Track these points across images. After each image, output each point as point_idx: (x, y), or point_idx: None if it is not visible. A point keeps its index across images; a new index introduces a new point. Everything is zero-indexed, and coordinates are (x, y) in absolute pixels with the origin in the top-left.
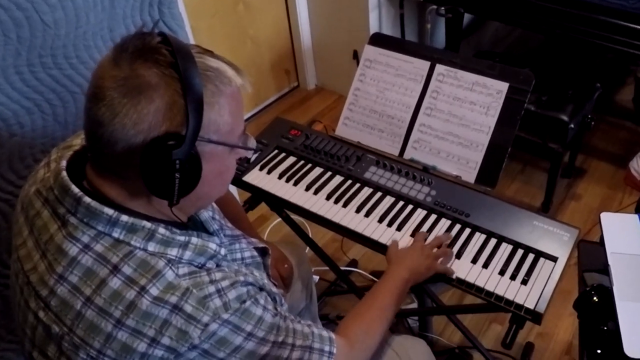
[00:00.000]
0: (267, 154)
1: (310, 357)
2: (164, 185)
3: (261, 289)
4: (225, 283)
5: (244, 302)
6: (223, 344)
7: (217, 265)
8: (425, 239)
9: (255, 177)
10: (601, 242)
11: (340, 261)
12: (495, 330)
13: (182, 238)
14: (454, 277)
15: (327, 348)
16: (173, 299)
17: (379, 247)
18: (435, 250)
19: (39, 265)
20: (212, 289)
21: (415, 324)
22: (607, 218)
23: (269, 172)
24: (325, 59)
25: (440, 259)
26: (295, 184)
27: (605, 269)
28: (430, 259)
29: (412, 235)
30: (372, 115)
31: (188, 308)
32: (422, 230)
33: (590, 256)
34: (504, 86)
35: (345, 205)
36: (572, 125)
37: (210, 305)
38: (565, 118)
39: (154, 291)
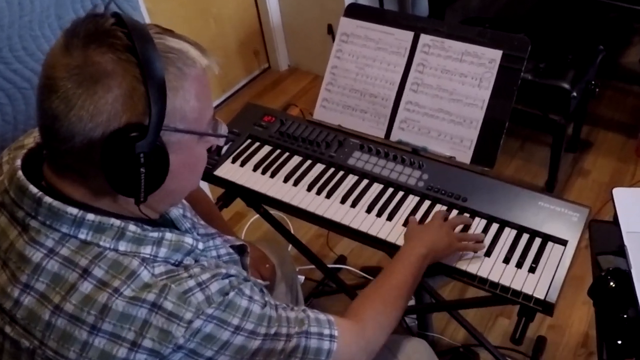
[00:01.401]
0: (239, 144)
1: (308, 343)
2: (129, 182)
3: (245, 279)
4: (205, 276)
5: (227, 294)
6: (210, 341)
7: (196, 261)
8: (446, 218)
9: (227, 170)
10: (615, 221)
11: (326, 258)
12: (502, 325)
13: (155, 234)
14: (454, 265)
15: (326, 331)
16: (151, 297)
17: (368, 240)
18: (457, 230)
19: (1, 276)
20: (192, 282)
21: (414, 323)
22: (620, 194)
23: (242, 164)
24: (297, 36)
25: (464, 243)
26: (272, 175)
27: (621, 251)
28: (450, 237)
29: (405, 225)
30: (352, 95)
31: (168, 305)
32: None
33: (604, 237)
34: (496, 54)
35: (328, 195)
36: (574, 94)
37: (192, 300)
38: (566, 86)
39: (129, 292)
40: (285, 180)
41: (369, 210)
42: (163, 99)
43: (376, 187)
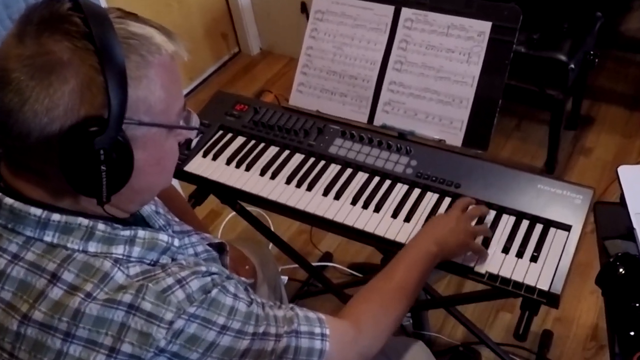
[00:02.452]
0: (210, 136)
1: (299, 343)
2: (89, 181)
3: (229, 277)
4: (184, 273)
5: (209, 291)
6: (194, 343)
7: (173, 260)
8: (467, 208)
9: (198, 165)
10: (622, 202)
11: (311, 256)
12: (504, 320)
13: (126, 233)
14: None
15: (317, 330)
16: (127, 298)
17: (355, 235)
18: (474, 223)
19: None
20: (170, 280)
21: (408, 322)
22: (626, 172)
23: (214, 158)
24: (268, 17)
25: (479, 238)
26: (248, 168)
27: (630, 234)
28: (466, 234)
29: (394, 216)
30: (331, 78)
31: (147, 306)
32: (405, 209)
33: (610, 220)
34: (485, 26)
35: (309, 188)
36: (572, 66)
37: (171, 299)
38: (563, 58)
39: (103, 295)
40: (262, 173)
41: (354, 202)
42: (124, 90)
43: (361, 177)
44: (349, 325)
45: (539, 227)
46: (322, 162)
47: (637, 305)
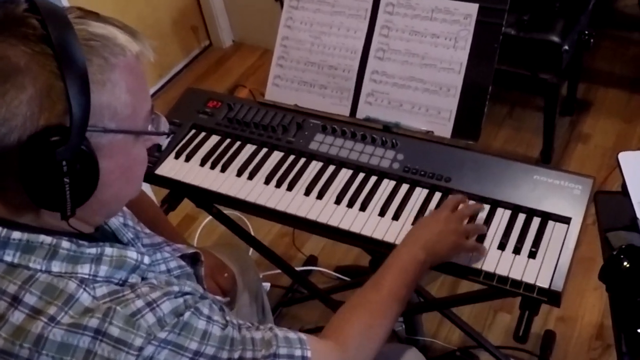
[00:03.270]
0: (182, 136)
1: None
2: (52, 195)
3: (202, 297)
4: (155, 294)
5: (182, 314)
6: None
7: (143, 279)
8: (457, 206)
9: (171, 167)
10: (624, 191)
11: (294, 260)
12: (503, 321)
13: (92, 250)
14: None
15: (298, 352)
16: (93, 323)
17: (340, 236)
18: (465, 222)
19: None
20: (140, 303)
21: (401, 327)
22: (627, 159)
23: (187, 159)
24: (240, 6)
25: (473, 238)
26: (223, 169)
27: (633, 224)
28: (457, 235)
29: (381, 214)
30: (309, 69)
31: (114, 331)
32: (393, 206)
33: (612, 210)
34: (472, 8)
35: (290, 188)
36: (565, 47)
37: (141, 323)
38: (555, 39)
39: (67, 319)
40: (239, 173)
41: (338, 201)
42: (86, 95)
43: (345, 174)
44: (333, 346)
45: (536, 221)
46: (303, 160)
47: None
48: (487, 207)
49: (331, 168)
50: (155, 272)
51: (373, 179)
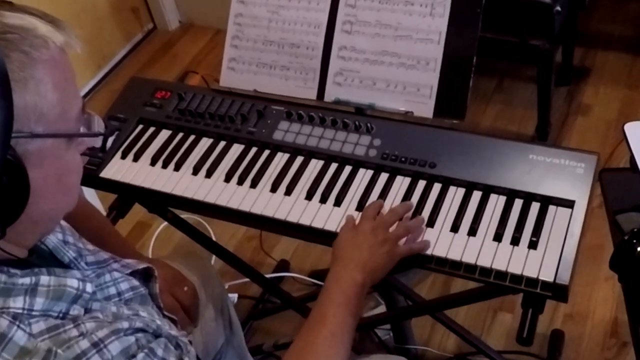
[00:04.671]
0: (129, 132)
1: None
2: None
3: (156, 335)
4: (102, 333)
5: (134, 356)
6: None
7: (87, 311)
8: (378, 212)
9: (117, 169)
10: (632, 166)
11: (263, 266)
12: (504, 322)
13: (26, 280)
14: (430, 253)
15: None
16: None
17: (313, 236)
18: (393, 228)
19: None
20: (85, 344)
21: (388, 335)
22: (634, 130)
23: (135, 159)
24: None
25: (404, 239)
26: (177, 168)
27: None
28: (388, 244)
29: (359, 209)
30: (267, 49)
31: None
32: (372, 198)
33: (621, 189)
34: None
35: (254, 184)
36: (557, 8)
37: None
38: None
39: None
40: (195, 171)
41: (309, 197)
42: (7, 97)
43: (315, 165)
44: None
45: (535, 207)
46: (267, 152)
47: None
48: (478, 194)
49: (299, 159)
50: (100, 300)
51: (347, 169)
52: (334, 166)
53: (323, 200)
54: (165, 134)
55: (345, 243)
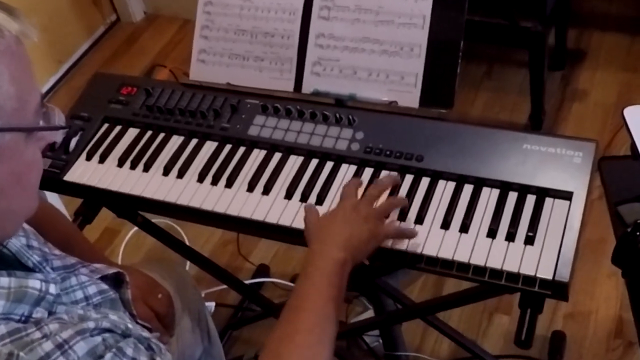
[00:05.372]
0: (93, 132)
1: None
2: None
3: (125, 335)
4: (67, 334)
5: (101, 357)
6: None
7: (51, 313)
8: (357, 191)
9: (82, 172)
10: (633, 153)
11: (242, 272)
12: (500, 324)
13: None
14: (420, 252)
15: None
16: None
17: (294, 237)
18: (376, 205)
19: None
20: (48, 345)
21: (377, 342)
22: (634, 114)
23: (101, 160)
24: None
25: (390, 219)
26: (146, 168)
27: None
28: (372, 221)
29: None
30: (240, 39)
31: None
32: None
33: (622, 179)
34: None
35: (229, 184)
36: None
37: None
38: None
39: None
40: (166, 172)
41: (289, 196)
42: None
43: (294, 162)
44: None
45: (531, 199)
46: (242, 149)
47: None
48: (470, 187)
49: (277, 156)
50: (66, 304)
51: (329, 165)
52: (314, 162)
53: (304, 199)
54: (132, 132)
55: (326, 220)
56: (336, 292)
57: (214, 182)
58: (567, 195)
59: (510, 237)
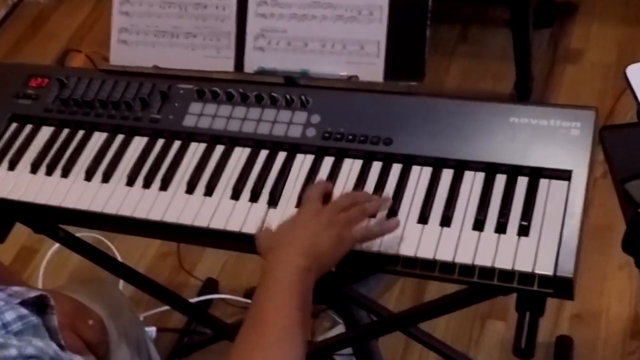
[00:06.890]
0: None
1: None
2: None
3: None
4: None
5: None
6: None
7: None
8: (327, 195)
9: None
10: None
11: (186, 289)
12: (495, 332)
13: None
14: (395, 253)
15: None
16: None
17: (246, 245)
18: (343, 213)
19: None
20: None
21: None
22: (639, 73)
23: (11, 167)
24: None
25: (362, 224)
26: (65, 174)
27: None
28: (337, 226)
29: (299, 206)
30: (167, 12)
31: None
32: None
33: (628, 150)
34: None
35: (164, 186)
36: None
37: None
38: None
39: None
40: (88, 176)
41: (235, 196)
42: None
43: (240, 155)
44: None
45: (522, 182)
46: (177, 143)
47: None
48: (449, 172)
49: (219, 149)
50: None
51: (281, 156)
52: (264, 154)
53: (254, 198)
54: (46, 131)
55: (286, 227)
56: (301, 301)
57: (146, 184)
58: (565, 175)
59: (501, 228)
